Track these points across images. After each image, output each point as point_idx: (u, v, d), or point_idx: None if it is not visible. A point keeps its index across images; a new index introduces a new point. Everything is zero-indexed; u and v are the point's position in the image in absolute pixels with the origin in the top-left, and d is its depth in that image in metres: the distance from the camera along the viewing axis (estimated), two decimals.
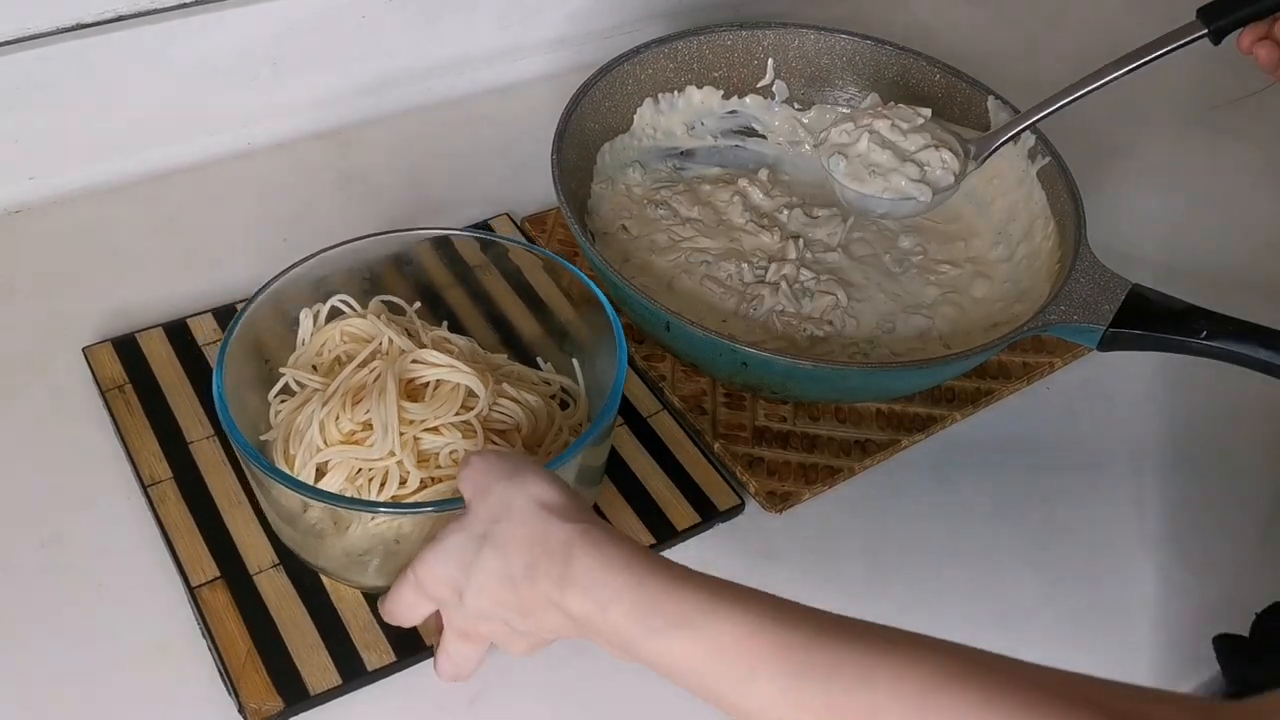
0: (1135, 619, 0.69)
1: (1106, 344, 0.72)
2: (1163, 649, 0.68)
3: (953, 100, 0.88)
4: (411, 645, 0.63)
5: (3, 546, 0.66)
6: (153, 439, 0.70)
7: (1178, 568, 0.72)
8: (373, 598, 0.64)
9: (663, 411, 0.75)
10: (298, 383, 0.68)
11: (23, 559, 0.66)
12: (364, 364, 0.67)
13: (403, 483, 0.64)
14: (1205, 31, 0.73)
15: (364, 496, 0.63)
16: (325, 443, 0.64)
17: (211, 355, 0.75)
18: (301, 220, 0.86)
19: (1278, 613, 0.66)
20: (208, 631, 0.63)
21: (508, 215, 0.86)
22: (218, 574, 0.65)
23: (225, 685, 0.61)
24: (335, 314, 0.70)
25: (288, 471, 0.64)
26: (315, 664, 0.62)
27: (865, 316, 0.80)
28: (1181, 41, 0.74)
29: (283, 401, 0.68)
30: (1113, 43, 0.81)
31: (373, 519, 0.62)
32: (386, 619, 0.60)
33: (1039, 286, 0.78)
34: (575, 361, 0.72)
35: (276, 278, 0.68)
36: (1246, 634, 0.66)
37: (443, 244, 0.73)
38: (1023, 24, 1.14)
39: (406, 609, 0.58)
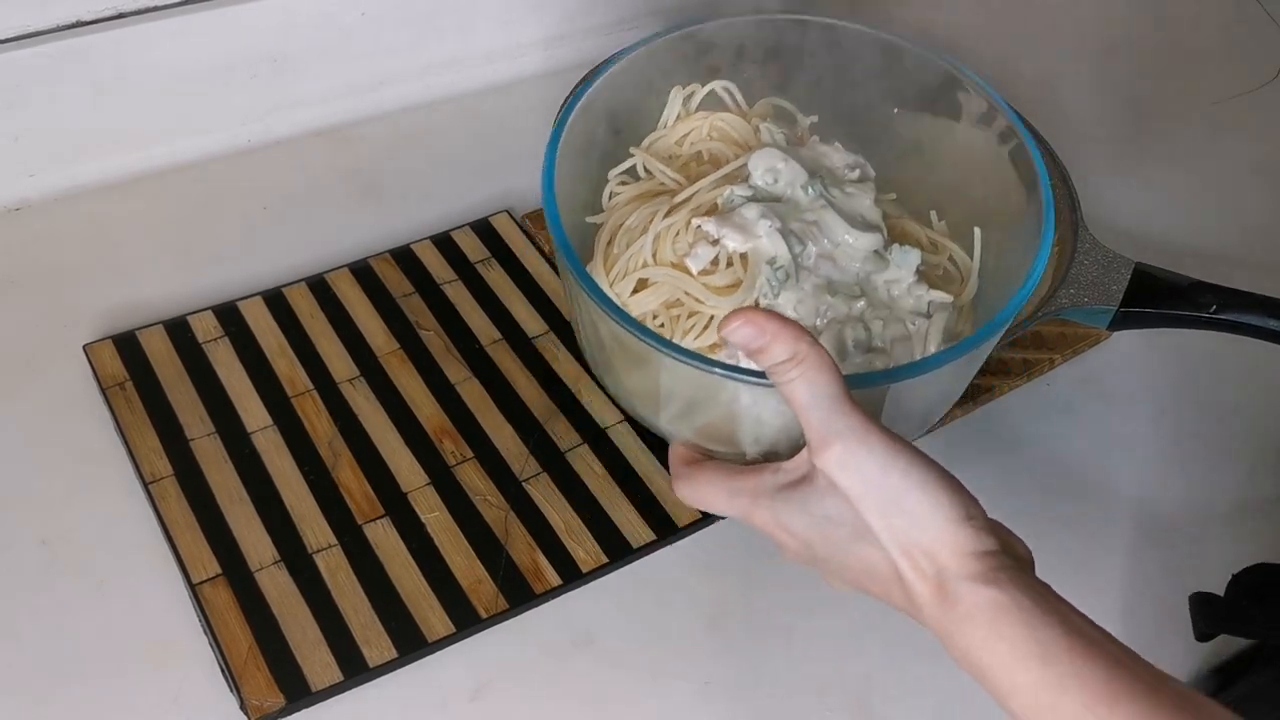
0: (1135, 613, 0.69)
1: (1117, 324, 0.72)
2: (1160, 642, 0.68)
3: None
4: (413, 642, 0.63)
5: (3, 544, 0.66)
6: (153, 436, 0.70)
7: (1178, 562, 0.72)
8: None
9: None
10: (645, 170, 0.60)
11: (23, 557, 0.66)
12: (729, 177, 0.57)
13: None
14: None
15: (675, 330, 0.56)
16: (655, 259, 0.57)
17: (212, 353, 0.75)
18: (302, 217, 0.86)
19: (1252, 572, 0.68)
20: (209, 628, 0.63)
21: (508, 213, 0.86)
22: (219, 571, 0.65)
23: (227, 682, 0.61)
24: (712, 101, 0.61)
25: (603, 285, 0.55)
26: (317, 660, 0.62)
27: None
28: None
29: (622, 184, 0.60)
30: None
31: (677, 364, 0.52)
32: (681, 499, 0.56)
33: None
34: (977, 230, 0.62)
35: (656, 36, 0.58)
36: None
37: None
38: (1013, 19, 1.14)
39: (710, 509, 0.55)
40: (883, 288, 0.59)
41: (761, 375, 0.51)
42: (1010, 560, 0.49)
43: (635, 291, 0.57)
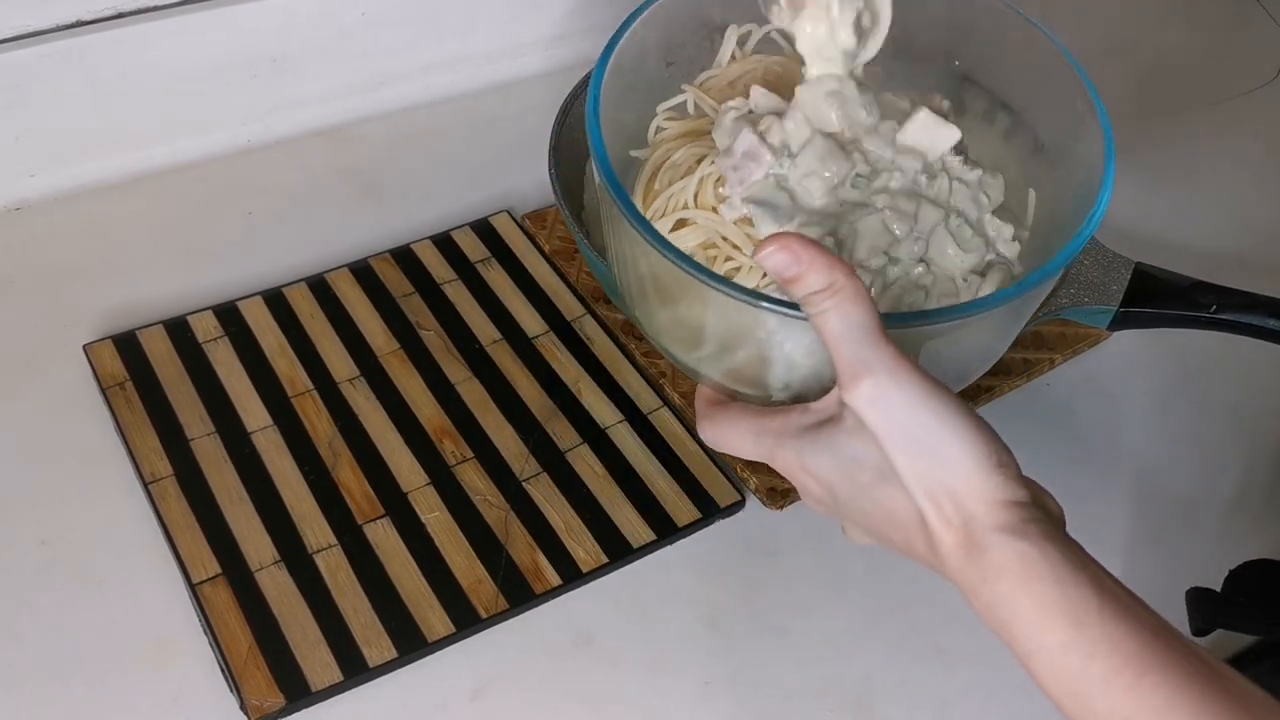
0: None
1: (1117, 324, 0.72)
2: None
3: None
4: (413, 642, 0.63)
5: (3, 545, 0.66)
6: (153, 436, 0.70)
7: (1175, 558, 0.72)
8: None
9: (663, 408, 0.75)
10: (695, 108, 0.59)
11: (23, 557, 0.66)
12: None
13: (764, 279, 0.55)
14: None
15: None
16: (695, 203, 0.56)
17: (212, 352, 0.75)
18: (302, 217, 0.86)
19: (1248, 568, 0.68)
20: (209, 628, 0.63)
21: (508, 213, 0.86)
22: (219, 571, 0.65)
23: (227, 682, 0.62)
24: (768, 46, 0.59)
25: (642, 213, 0.54)
26: (317, 660, 0.62)
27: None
28: None
29: (669, 119, 0.59)
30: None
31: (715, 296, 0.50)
32: (705, 440, 0.55)
33: None
34: (1031, 193, 0.60)
35: None
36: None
37: None
38: None
39: (733, 451, 0.53)
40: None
41: (798, 310, 0.49)
42: (1041, 513, 0.47)
43: (673, 230, 0.56)
